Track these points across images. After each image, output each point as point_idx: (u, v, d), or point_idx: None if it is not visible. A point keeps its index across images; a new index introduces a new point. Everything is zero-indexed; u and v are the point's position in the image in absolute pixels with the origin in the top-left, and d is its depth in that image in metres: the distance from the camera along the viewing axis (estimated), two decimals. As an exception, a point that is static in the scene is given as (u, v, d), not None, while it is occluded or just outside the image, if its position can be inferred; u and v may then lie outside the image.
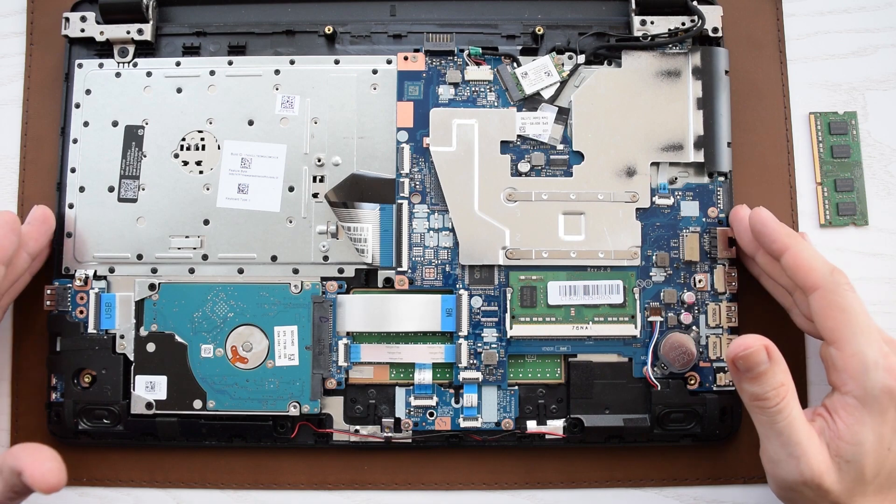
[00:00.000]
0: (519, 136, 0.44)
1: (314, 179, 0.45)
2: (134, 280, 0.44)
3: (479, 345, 0.43)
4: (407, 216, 0.44)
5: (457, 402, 0.43)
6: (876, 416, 0.35)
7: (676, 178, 0.44)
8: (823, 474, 0.35)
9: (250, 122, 0.45)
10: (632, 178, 0.44)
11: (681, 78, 0.44)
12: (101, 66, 0.46)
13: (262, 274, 0.44)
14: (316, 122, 0.45)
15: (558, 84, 0.45)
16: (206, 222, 0.44)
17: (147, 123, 0.45)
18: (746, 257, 0.43)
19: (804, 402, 0.44)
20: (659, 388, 0.43)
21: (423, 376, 0.43)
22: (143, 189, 0.45)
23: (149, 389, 0.43)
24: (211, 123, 0.45)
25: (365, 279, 0.44)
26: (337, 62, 0.45)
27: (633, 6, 0.45)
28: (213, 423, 0.43)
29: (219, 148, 0.45)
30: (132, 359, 0.43)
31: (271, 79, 0.45)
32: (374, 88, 0.45)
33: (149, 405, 0.43)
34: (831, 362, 0.36)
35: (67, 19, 0.46)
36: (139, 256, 0.44)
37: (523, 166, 0.44)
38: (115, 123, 0.45)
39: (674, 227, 0.44)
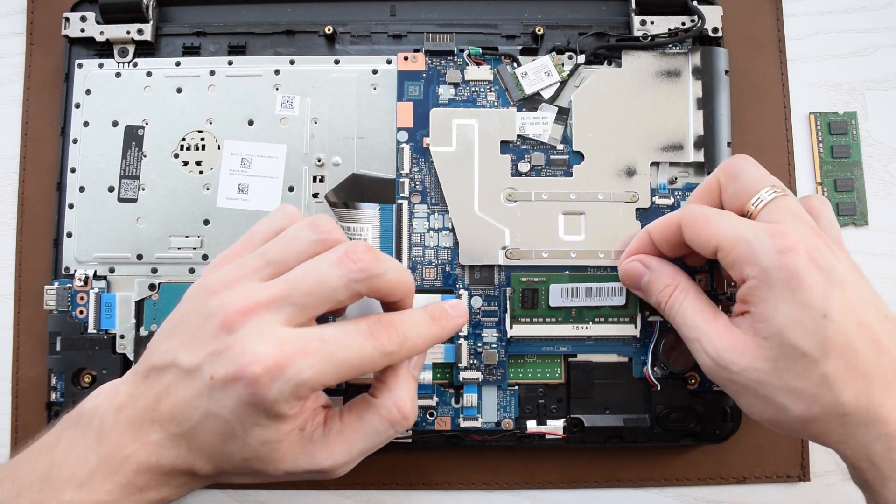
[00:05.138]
0: (519, 136, 0.44)
1: (314, 179, 0.45)
2: (134, 280, 0.44)
3: (480, 345, 0.43)
4: (407, 216, 0.44)
5: (457, 402, 0.43)
6: (784, 286, 0.32)
7: (676, 178, 0.44)
8: (730, 351, 0.34)
9: (250, 122, 0.45)
10: (632, 178, 0.44)
11: (681, 78, 0.44)
12: (101, 66, 0.46)
13: (262, 274, 0.44)
14: (316, 122, 0.45)
15: (558, 84, 0.45)
16: (206, 222, 0.44)
17: (147, 123, 0.45)
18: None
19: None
20: (659, 388, 0.43)
21: (423, 376, 0.43)
22: (143, 189, 0.45)
23: (149, 389, 0.43)
24: (211, 123, 0.45)
25: (365, 279, 0.44)
26: (337, 62, 0.45)
27: (633, 6, 0.45)
28: (213, 423, 0.43)
29: (219, 148, 0.45)
30: (132, 359, 0.43)
31: (271, 79, 0.45)
32: (374, 88, 0.45)
33: (149, 405, 0.43)
34: (727, 265, 0.35)
35: (67, 19, 0.46)
36: (139, 256, 0.44)
37: (523, 166, 0.44)
38: (115, 123, 0.45)
39: (674, 227, 0.44)
